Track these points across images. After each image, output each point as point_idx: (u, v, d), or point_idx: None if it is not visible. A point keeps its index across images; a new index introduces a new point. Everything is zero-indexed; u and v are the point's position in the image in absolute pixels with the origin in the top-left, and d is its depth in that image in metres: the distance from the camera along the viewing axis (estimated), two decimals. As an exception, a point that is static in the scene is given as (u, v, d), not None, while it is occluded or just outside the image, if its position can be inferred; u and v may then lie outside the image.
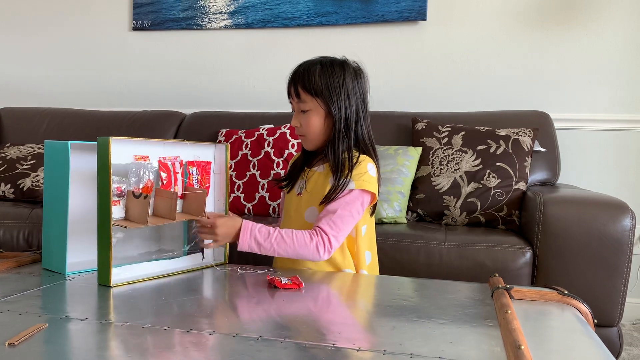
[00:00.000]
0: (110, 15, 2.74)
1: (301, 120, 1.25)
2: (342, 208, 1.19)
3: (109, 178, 1.00)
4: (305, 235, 1.17)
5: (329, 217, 1.18)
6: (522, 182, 1.83)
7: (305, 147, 1.30)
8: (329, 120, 1.24)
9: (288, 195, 1.35)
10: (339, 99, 1.23)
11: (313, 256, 1.17)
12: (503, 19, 2.29)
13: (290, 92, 1.27)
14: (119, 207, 1.07)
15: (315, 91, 1.22)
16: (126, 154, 1.08)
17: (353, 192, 1.21)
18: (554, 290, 0.99)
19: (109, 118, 2.47)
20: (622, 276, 1.46)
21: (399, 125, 2.14)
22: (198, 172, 1.21)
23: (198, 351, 0.72)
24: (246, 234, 1.16)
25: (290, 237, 1.16)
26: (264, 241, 1.16)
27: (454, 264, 1.55)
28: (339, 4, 2.43)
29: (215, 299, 1.04)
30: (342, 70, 1.25)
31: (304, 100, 1.24)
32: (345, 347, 0.72)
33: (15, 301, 0.90)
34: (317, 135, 1.25)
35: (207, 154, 1.26)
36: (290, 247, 1.16)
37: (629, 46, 2.18)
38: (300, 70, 1.25)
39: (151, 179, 1.11)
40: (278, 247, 1.16)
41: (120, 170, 1.06)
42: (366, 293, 1.12)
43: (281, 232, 1.17)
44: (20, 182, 2.11)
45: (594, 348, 0.77)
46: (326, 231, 1.17)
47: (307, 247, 1.16)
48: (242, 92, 2.59)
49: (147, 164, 1.11)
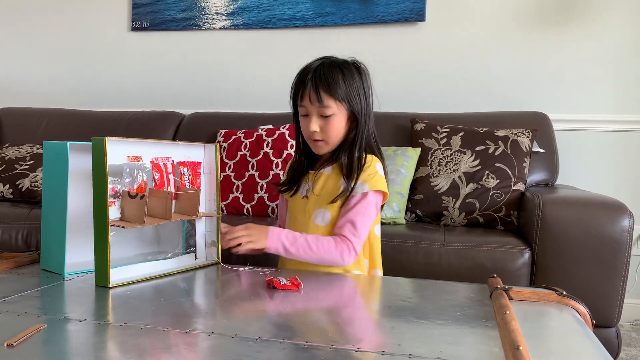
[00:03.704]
0: (109, 15, 2.74)
1: (322, 125, 1.22)
2: (361, 213, 1.21)
3: (105, 178, 0.99)
4: (331, 242, 1.19)
5: (350, 223, 1.21)
6: (520, 182, 1.83)
7: (319, 152, 1.27)
8: (348, 123, 1.25)
9: (292, 199, 1.33)
10: (360, 101, 1.23)
11: (337, 262, 1.20)
12: (502, 19, 2.29)
13: (309, 96, 1.21)
14: (114, 207, 1.07)
15: (341, 96, 1.21)
16: (120, 154, 1.08)
17: (368, 196, 1.22)
18: (553, 291, 0.99)
19: (108, 118, 2.47)
20: (621, 277, 1.46)
21: (398, 125, 2.14)
22: (189, 172, 1.21)
23: (197, 352, 0.72)
24: (273, 238, 1.18)
25: (315, 243, 1.19)
26: (290, 245, 1.19)
27: (453, 264, 1.55)
28: (338, 5, 2.43)
29: (214, 300, 1.04)
30: (358, 71, 1.25)
31: (327, 105, 1.20)
32: (344, 348, 0.72)
33: (13, 302, 0.90)
34: (338, 140, 1.25)
35: (197, 154, 1.26)
36: (314, 253, 1.19)
37: (627, 47, 2.18)
38: (322, 75, 1.21)
39: (145, 179, 1.11)
40: (303, 252, 1.19)
41: (114, 170, 1.06)
42: (365, 294, 1.12)
43: (307, 237, 1.19)
44: (19, 183, 2.11)
45: (592, 348, 0.77)
46: (350, 238, 1.20)
47: (332, 253, 1.19)
48: (241, 93, 2.58)
49: (140, 164, 1.11)
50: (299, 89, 1.24)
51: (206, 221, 1.26)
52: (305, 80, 1.22)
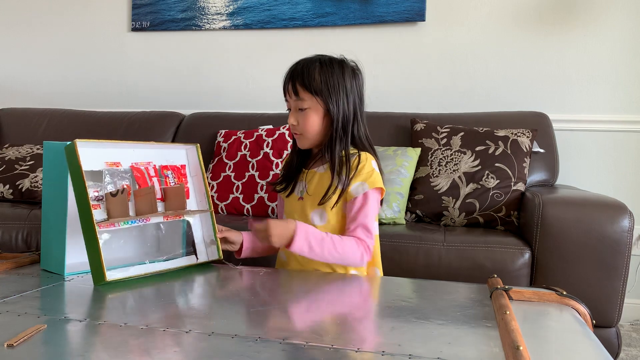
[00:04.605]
0: (109, 15, 2.74)
1: (298, 119, 1.25)
2: (370, 216, 1.23)
3: (83, 180, 1.00)
4: (353, 244, 1.20)
5: (362, 228, 1.21)
6: (520, 182, 1.83)
7: (300, 145, 1.29)
8: (327, 119, 1.24)
9: (288, 200, 1.33)
10: (337, 97, 1.23)
11: (356, 263, 1.22)
12: (501, 19, 2.29)
13: (288, 89, 1.26)
14: (100, 210, 1.07)
15: (315, 89, 1.22)
16: (97, 160, 1.08)
17: (369, 195, 1.22)
18: (553, 291, 0.99)
19: (107, 119, 2.47)
20: (621, 277, 1.46)
21: (398, 126, 2.14)
22: (174, 175, 1.20)
23: (197, 352, 0.72)
24: (301, 237, 1.16)
25: (340, 244, 1.18)
26: (316, 245, 1.17)
27: (453, 264, 1.55)
28: (337, 5, 2.43)
29: (213, 300, 1.04)
30: (341, 68, 1.25)
31: (302, 98, 1.23)
32: (344, 348, 0.72)
33: (14, 302, 0.90)
34: (314, 134, 1.25)
35: (179, 157, 1.24)
36: (338, 254, 1.18)
37: (627, 47, 2.18)
38: (299, 68, 1.24)
39: (127, 184, 1.11)
40: (327, 253, 1.18)
41: (94, 176, 1.07)
42: (365, 294, 1.12)
43: (333, 238, 1.19)
44: (19, 183, 2.11)
45: (592, 349, 0.77)
46: (365, 240, 1.21)
47: (354, 255, 1.20)
48: (241, 93, 2.59)
49: (120, 169, 1.11)
50: (284, 85, 1.28)
51: (202, 222, 1.26)
52: (287, 75, 1.27)
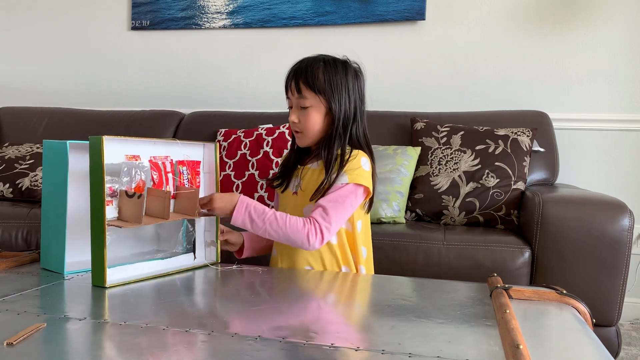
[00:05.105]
0: (109, 14, 2.74)
1: (300, 117, 1.25)
2: (335, 201, 1.19)
3: (102, 177, 0.99)
4: (299, 222, 1.17)
5: (321, 208, 1.18)
6: (520, 181, 1.83)
7: (300, 144, 1.29)
8: (328, 118, 1.25)
9: (283, 195, 1.34)
10: (340, 97, 1.24)
11: (303, 243, 1.17)
12: (502, 18, 2.29)
13: (291, 87, 1.26)
14: (111, 207, 1.06)
15: (318, 88, 1.23)
16: (118, 153, 1.08)
17: (347, 186, 1.21)
18: (553, 290, 0.99)
19: (107, 118, 2.47)
20: (621, 276, 1.46)
21: (398, 125, 2.14)
22: (188, 172, 1.21)
23: (197, 351, 0.72)
24: (242, 208, 1.16)
25: (283, 220, 1.16)
26: (257, 218, 1.16)
27: (453, 263, 1.55)
28: (337, 4, 2.43)
29: (213, 299, 1.04)
30: (344, 69, 1.26)
31: (305, 96, 1.24)
32: (343, 347, 0.72)
33: (13, 301, 0.90)
34: (315, 132, 1.26)
35: (196, 153, 1.26)
36: (281, 230, 1.16)
37: (627, 46, 2.18)
38: (303, 66, 1.25)
39: (143, 178, 1.11)
40: (270, 227, 1.16)
41: (112, 170, 1.06)
42: (365, 293, 1.12)
43: (276, 213, 1.17)
44: (19, 182, 2.11)
45: (592, 347, 0.77)
46: (319, 221, 1.17)
47: (298, 233, 1.16)
48: (240, 92, 2.58)
49: (138, 163, 1.11)
50: (286, 82, 1.28)
51: (205, 220, 1.26)
52: (290, 73, 1.27)
